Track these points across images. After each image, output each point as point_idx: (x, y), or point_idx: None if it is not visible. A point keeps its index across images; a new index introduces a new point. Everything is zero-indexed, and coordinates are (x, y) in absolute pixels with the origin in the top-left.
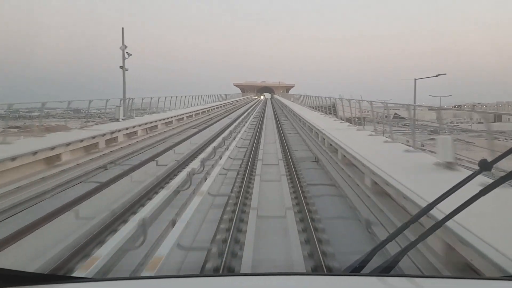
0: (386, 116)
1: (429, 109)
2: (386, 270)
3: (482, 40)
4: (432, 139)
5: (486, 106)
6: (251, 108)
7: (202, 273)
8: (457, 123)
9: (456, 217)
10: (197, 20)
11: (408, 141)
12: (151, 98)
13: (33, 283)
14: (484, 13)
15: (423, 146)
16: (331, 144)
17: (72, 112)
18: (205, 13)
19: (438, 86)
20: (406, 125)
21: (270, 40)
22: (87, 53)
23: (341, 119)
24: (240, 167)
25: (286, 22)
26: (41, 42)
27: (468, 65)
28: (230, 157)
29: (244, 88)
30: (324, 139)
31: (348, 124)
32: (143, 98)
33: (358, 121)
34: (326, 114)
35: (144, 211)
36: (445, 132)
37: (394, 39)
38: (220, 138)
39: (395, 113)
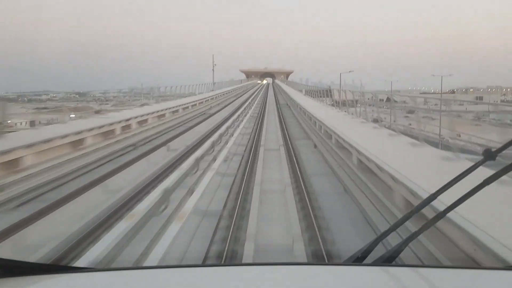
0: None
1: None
2: (388, 260)
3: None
4: None
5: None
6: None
7: (205, 263)
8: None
9: (459, 207)
10: (202, 9)
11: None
12: None
13: (35, 273)
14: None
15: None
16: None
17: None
18: (211, 3)
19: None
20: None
21: (270, 27)
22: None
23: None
24: None
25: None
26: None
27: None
28: None
29: (249, 74)
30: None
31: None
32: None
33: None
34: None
35: None
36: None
37: (399, 27)
38: None
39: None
